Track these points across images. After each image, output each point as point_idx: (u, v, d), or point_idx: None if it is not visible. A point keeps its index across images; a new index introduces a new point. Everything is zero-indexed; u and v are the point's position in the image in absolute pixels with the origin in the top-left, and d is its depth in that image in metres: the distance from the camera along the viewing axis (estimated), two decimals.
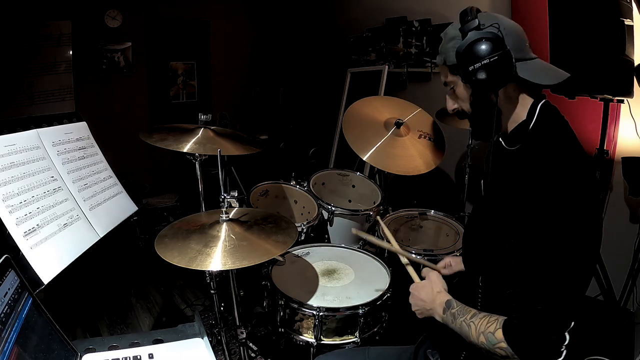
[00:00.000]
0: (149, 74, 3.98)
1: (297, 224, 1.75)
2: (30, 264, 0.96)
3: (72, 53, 3.45)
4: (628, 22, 1.76)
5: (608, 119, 1.96)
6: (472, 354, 0.97)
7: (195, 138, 1.49)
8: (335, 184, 2.33)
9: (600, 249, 0.90)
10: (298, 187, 2.15)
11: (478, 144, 2.50)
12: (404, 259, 1.23)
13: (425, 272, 1.14)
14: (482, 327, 0.87)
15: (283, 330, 1.44)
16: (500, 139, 1.01)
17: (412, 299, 1.10)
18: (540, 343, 0.79)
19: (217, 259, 1.06)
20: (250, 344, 1.96)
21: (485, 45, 0.85)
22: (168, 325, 1.43)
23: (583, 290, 0.85)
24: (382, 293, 1.43)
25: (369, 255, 1.72)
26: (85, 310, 2.31)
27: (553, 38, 1.95)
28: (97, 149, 1.39)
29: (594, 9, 1.78)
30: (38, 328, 0.80)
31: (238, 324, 1.51)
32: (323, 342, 1.37)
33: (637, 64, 1.76)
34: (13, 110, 3.25)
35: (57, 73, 3.43)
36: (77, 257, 1.10)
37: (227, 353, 1.66)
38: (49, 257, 1.02)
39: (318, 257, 1.70)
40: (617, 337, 1.90)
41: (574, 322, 0.84)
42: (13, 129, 1.14)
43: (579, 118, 2.04)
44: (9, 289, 0.75)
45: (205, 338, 0.99)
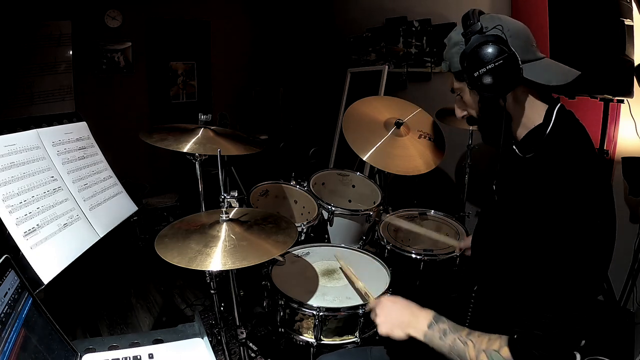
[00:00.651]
0: (149, 74, 3.98)
1: (297, 224, 1.75)
2: (30, 264, 0.96)
3: (72, 53, 3.45)
4: (628, 22, 1.76)
5: (608, 119, 1.96)
6: None
7: (195, 138, 1.49)
8: (335, 184, 2.33)
9: None
10: (298, 187, 2.15)
11: (478, 144, 2.50)
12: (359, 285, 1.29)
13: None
14: (482, 344, 0.82)
15: (283, 330, 1.44)
16: (514, 147, 0.96)
17: (381, 310, 1.01)
18: None
19: (217, 259, 1.06)
20: (250, 344, 1.96)
21: (489, 49, 0.81)
22: (168, 325, 1.42)
23: (592, 303, 0.82)
24: (382, 293, 1.43)
25: (369, 255, 1.72)
26: (85, 310, 2.31)
27: (553, 38, 1.95)
28: (97, 149, 1.39)
29: (594, 9, 1.78)
30: (38, 328, 0.80)
31: (238, 324, 1.51)
32: (323, 342, 1.37)
33: (637, 64, 1.76)
34: (13, 110, 3.25)
35: (57, 73, 3.43)
36: (77, 257, 1.10)
37: (227, 353, 1.66)
38: (49, 257, 1.02)
39: (318, 257, 1.70)
40: (617, 337, 1.90)
41: (584, 340, 0.81)
42: (13, 129, 1.14)
43: (579, 118, 2.03)
44: (9, 289, 0.75)
45: (205, 338, 0.99)
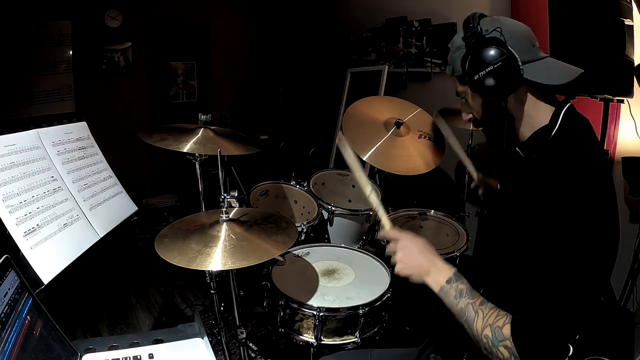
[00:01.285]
0: (149, 74, 3.98)
1: (297, 224, 1.75)
2: (30, 264, 0.96)
3: (72, 53, 3.45)
4: (628, 22, 1.76)
5: (608, 119, 1.96)
6: (473, 358, 0.96)
7: (195, 138, 1.49)
8: (335, 184, 2.33)
9: None
10: (298, 187, 2.15)
11: (478, 144, 2.50)
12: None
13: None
14: (490, 319, 0.81)
15: (283, 330, 1.44)
16: (517, 148, 0.96)
17: (402, 250, 0.97)
18: (546, 350, 0.76)
19: (217, 259, 1.06)
20: (250, 344, 1.96)
21: (488, 52, 0.83)
22: (168, 325, 1.42)
23: (594, 303, 0.83)
24: (382, 293, 1.43)
25: (369, 255, 1.72)
26: (85, 310, 2.31)
27: (553, 38, 1.95)
28: (97, 149, 1.39)
29: (594, 9, 1.78)
30: (38, 328, 0.80)
31: (238, 324, 1.51)
32: (323, 342, 1.37)
33: (637, 64, 1.76)
34: (13, 110, 3.24)
35: (57, 73, 3.42)
36: (77, 257, 1.10)
37: (227, 353, 1.66)
38: (49, 257, 1.02)
39: (318, 257, 1.70)
40: (617, 337, 1.90)
41: (579, 335, 0.81)
42: (13, 129, 1.14)
43: None
44: (9, 289, 0.75)
45: (205, 338, 0.99)
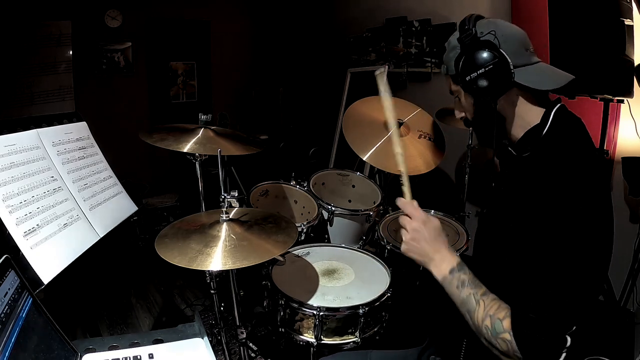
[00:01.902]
0: (149, 74, 3.98)
1: (297, 224, 1.75)
2: (30, 264, 0.95)
3: (72, 53, 3.45)
4: (628, 22, 1.76)
5: (608, 119, 1.96)
6: (471, 356, 0.96)
7: (196, 138, 1.49)
8: (335, 184, 2.33)
9: None
10: (298, 187, 2.15)
11: (478, 145, 2.50)
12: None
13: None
14: (491, 309, 0.82)
15: (283, 330, 1.44)
16: (509, 147, 0.99)
17: (411, 230, 0.95)
18: (543, 341, 0.77)
19: (217, 259, 1.06)
20: (250, 344, 1.96)
21: (481, 54, 0.86)
22: (168, 325, 1.42)
23: (592, 296, 0.83)
24: (382, 293, 1.43)
25: (369, 255, 1.72)
26: (85, 310, 2.31)
27: (553, 38, 1.95)
28: (97, 149, 1.39)
29: (594, 9, 1.78)
30: (38, 328, 0.80)
31: (238, 324, 1.51)
32: (323, 342, 1.37)
33: (637, 64, 1.76)
34: (13, 110, 3.25)
35: (57, 73, 3.43)
36: (77, 257, 1.10)
37: (227, 353, 1.66)
38: (49, 257, 1.02)
39: (318, 257, 1.70)
40: (617, 337, 1.90)
41: (577, 326, 0.81)
42: (13, 129, 1.14)
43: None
44: (9, 289, 0.75)
45: (205, 338, 0.99)
